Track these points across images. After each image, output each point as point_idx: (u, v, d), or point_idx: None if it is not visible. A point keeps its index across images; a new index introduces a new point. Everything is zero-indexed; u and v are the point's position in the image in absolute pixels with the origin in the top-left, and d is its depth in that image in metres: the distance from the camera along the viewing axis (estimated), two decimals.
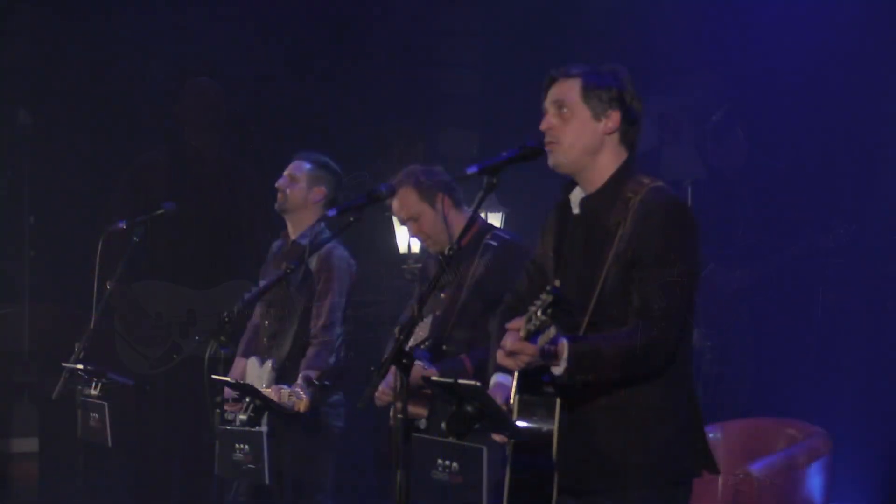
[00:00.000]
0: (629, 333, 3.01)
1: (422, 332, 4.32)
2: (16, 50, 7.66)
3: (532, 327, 2.84)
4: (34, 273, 7.86)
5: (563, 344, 2.91)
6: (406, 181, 4.49)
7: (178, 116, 7.07)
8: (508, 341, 2.93)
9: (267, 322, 4.92)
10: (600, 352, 2.96)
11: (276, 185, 5.02)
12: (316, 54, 7.47)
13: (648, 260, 3.04)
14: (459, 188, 4.51)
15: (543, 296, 2.80)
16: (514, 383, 3.13)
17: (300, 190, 4.99)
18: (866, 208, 6.70)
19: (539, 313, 2.80)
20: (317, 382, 4.49)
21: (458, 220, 4.46)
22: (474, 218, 4.48)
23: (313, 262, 4.91)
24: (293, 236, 5.04)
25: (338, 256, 4.91)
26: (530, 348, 2.88)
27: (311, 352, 4.77)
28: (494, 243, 4.37)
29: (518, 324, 2.92)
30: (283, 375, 4.71)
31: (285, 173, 5.03)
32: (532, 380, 3.06)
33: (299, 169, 5.02)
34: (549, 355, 2.90)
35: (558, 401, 3.04)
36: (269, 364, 4.76)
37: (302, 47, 7.43)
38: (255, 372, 4.94)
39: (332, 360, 4.78)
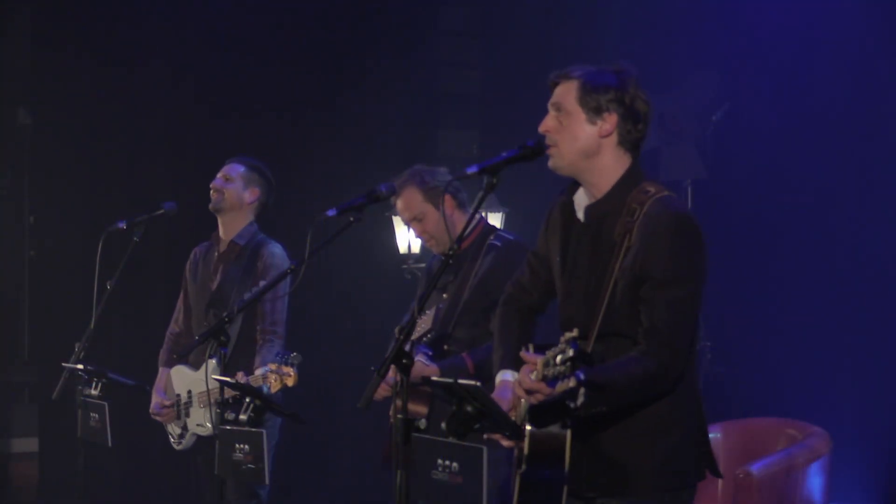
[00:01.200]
0: (640, 359, 3.00)
1: (423, 325, 4.32)
2: (16, 50, 7.67)
3: (549, 374, 2.85)
4: (34, 273, 7.86)
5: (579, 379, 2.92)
6: (410, 181, 4.49)
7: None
8: (526, 380, 2.96)
9: (206, 324, 4.92)
10: (615, 384, 2.96)
11: (211, 185, 5.10)
12: (316, 54, 7.47)
13: (656, 279, 3.02)
14: (464, 189, 4.51)
15: (563, 345, 2.80)
16: (526, 415, 3.12)
17: (235, 190, 5.07)
18: (867, 208, 6.70)
19: (558, 361, 2.80)
20: (296, 362, 4.50)
21: (462, 221, 4.44)
22: (477, 218, 4.50)
23: (258, 260, 4.98)
24: (226, 237, 5.08)
25: (279, 255, 4.98)
26: (547, 390, 2.90)
27: (263, 348, 4.82)
28: (498, 243, 4.38)
29: (534, 359, 2.94)
30: (228, 371, 4.70)
31: (219, 175, 5.11)
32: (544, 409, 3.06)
33: (234, 170, 5.11)
34: (567, 399, 2.91)
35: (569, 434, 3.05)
36: (213, 361, 4.73)
37: (302, 47, 7.43)
38: (187, 377, 4.95)
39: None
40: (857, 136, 6.71)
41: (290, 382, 4.40)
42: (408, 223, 4.60)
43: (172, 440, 5.07)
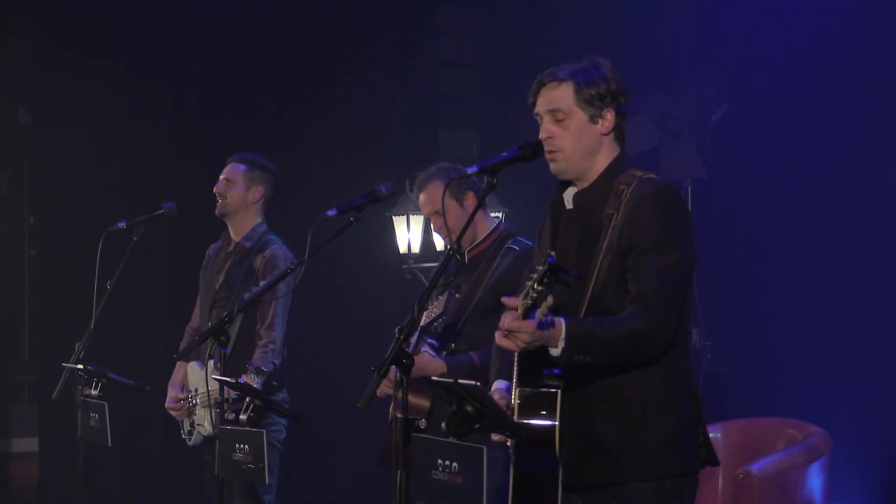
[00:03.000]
0: (627, 317, 3.01)
1: (436, 309, 4.32)
2: (16, 50, 7.67)
3: (529, 301, 2.83)
4: (34, 273, 7.87)
5: (560, 323, 2.91)
6: (437, 175, 4.51)
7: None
8: (506, 320, 2.91)
9: (210, 323, 4.92)
10: (597, 332, 2.96)
11: (214, 190, 5.06)
12: (316, 54, 7.47)
13: (642, 246, 3.05)
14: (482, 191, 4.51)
15: (539, 267, 2.80)
16: (515, 372, 3.13)
17: (238, 192, 5.03)
18: (867, 208, 6.70)
19: (536, 285, 2.79)
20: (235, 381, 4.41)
21: (482, 221, 4.51)
22: (496, 222, 4.54)
23: (257, 262, 4.95)
24: (235, 237, 5.06)
25: (281, 258, 4.92)
26: (528, 325, 2.87)
27: (256, 354, 4.80)
28: (516, 248, 4.40)
29: (515, 302, 2.91)
30: (228, 371, 4.70)
31: (221, 177, 5.06)
32: (532, 372, 3.05)
33: (234, 171, 5.05)
34: (547, 325, 2.89)
35: (559, 395, 3.04)
36: (210, 363, 4.74)
37: (301, 48, 7.43)
38: (197, 375, 4.94)
39: (277, 361, 4.81)
40: (857, 135, 6.71)
41: None
42: (428, 217, 4.61)
43: (183, 434, 5.07)
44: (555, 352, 2.94)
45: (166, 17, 7.09)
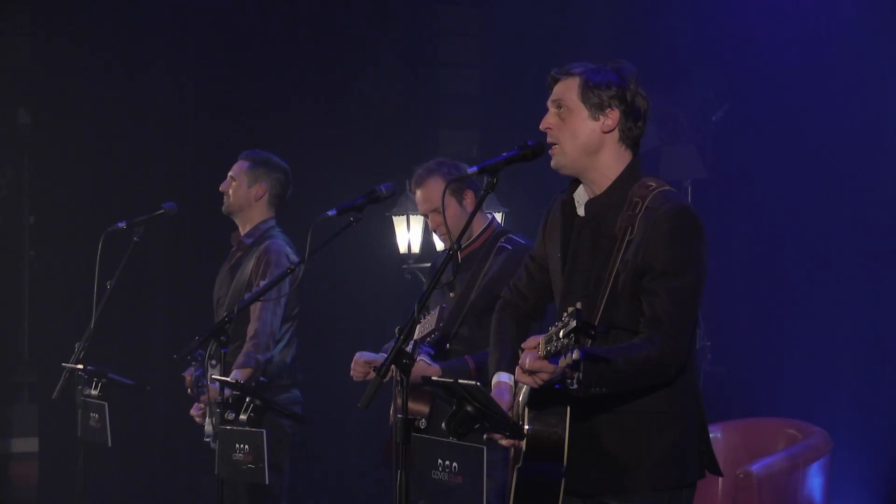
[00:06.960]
0: (642, 346, 3.00)
1: (427, 325, 4.31)
2: (16, 50, 7.67)
3: (552, 349, 2.82)
4: (34, 273, 7.86)
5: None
6: (435, 171, 4.46)
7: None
8: (527, 360, 2.92)
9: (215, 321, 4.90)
10: (613, 364, 2.95)
11: (220, 188, 5.06)
12: (316, 54, 7.47)
13: (658, 270, 3.03)
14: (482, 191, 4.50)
15: (566, 318, 2.77)
16: (523, 395, 3.12)
17: (241, 189, 5.01)
18: (867, 208, 6.70)
19: (561, 335, 2.79)
20: (235, 381, 4.39)
21: (479, 220, 4.48)
22: (489, 219, 4.51)
23: (251, 256, 4.92)
24: (241, 236, 5.06)
25: (276, 252, 4.88)
26: (550, 367, 2.87)
27: (243, 350, 4.77)
28: (509, 246, 4.37)
29: (535, 342, 2.91)
30: (226, 371, 4.68)
31: (229, 175, 5.06)
32: (543, 391, 3.05)
33: (238, 169, 5.05)
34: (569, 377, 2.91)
35: (568, 407, 3.04)
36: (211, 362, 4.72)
37: (302, 47, 7.43)
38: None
39: (262, 357, 4.75)
40: (856, 135, 6.71)
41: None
42: (425, 214, 4.57)
43: (208, 439, 5.04)
44: (572, 384, 2.93)
45: (166, 16, 7.09)
